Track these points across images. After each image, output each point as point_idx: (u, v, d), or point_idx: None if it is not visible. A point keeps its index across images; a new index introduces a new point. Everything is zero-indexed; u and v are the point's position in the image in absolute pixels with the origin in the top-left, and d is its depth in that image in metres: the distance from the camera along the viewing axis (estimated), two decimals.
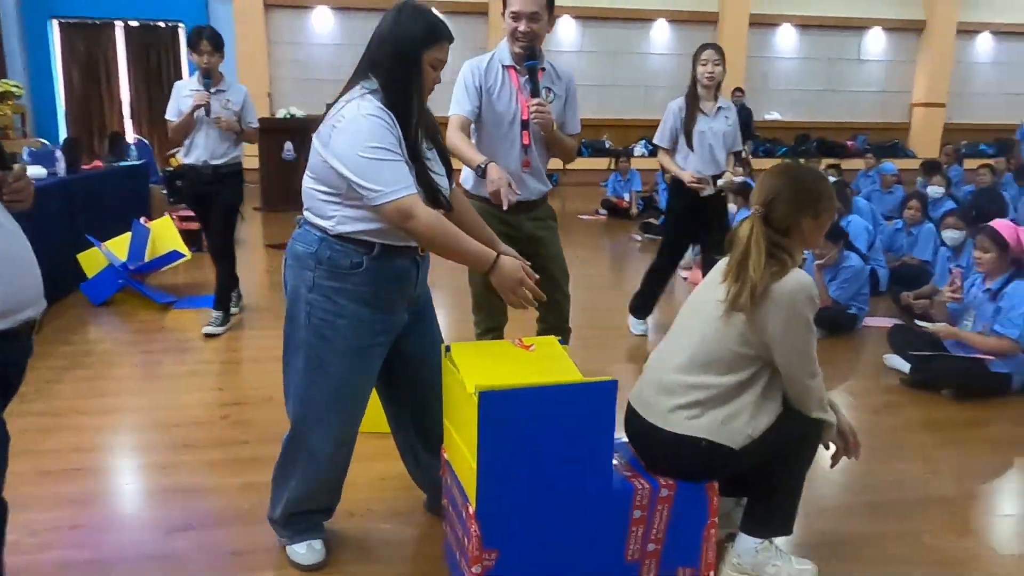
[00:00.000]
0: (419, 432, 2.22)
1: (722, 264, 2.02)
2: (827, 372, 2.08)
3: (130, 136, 10.14)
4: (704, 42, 4.10)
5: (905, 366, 3.63)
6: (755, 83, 11.69)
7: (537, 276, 1.95)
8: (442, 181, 1.95)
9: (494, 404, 1.73)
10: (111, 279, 4.72)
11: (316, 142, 1.82)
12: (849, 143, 12.14)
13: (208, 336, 4.09)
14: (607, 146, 11.83)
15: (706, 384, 1.94)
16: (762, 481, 2.02)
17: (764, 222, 1.92)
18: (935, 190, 6.00)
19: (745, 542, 2.06)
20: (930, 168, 6.92)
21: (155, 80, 11.05)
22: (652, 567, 2.04)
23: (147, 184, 7.01)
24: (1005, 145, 11.12)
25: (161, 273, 5.20)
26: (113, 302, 4.72)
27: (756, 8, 11.57)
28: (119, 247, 4.83)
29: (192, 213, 4.85)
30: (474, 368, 1.91)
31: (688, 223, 4.08)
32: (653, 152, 9.10)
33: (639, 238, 7.54)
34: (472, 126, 2.70)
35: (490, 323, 2.87)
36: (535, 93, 2.63)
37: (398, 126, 1.78)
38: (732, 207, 5.71)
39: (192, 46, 3.92)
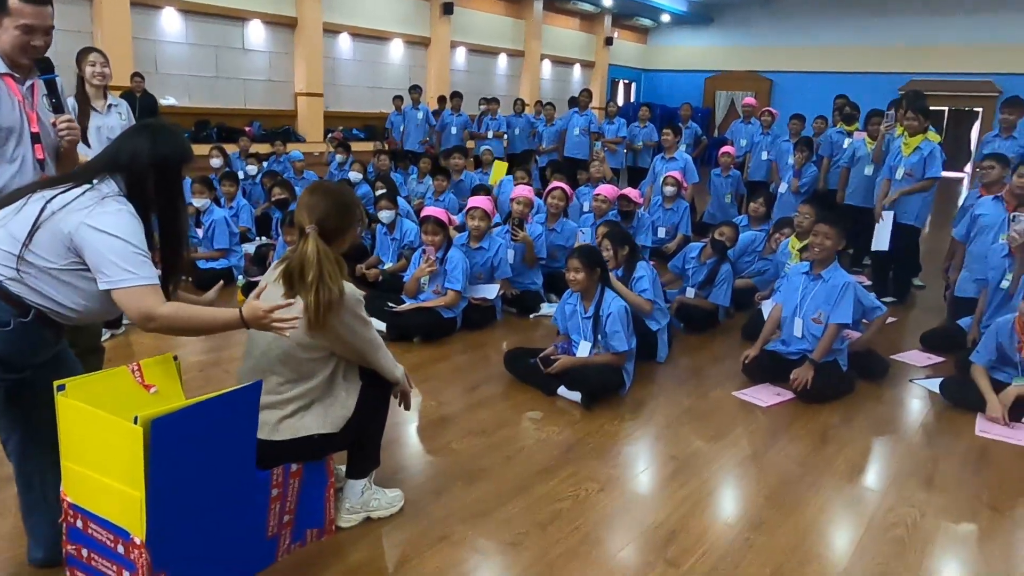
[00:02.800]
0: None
1: (276, 290, 2.21)
2: None
3: None
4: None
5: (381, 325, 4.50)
6: (146, 67, 11.30)
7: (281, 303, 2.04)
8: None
9: (165, 429, 1.79)
10: None
11: (55, 220, 1.82)
12: (247, 129, 12.81)
13: None
14: None
15: (301, 393, 2.30)
16: (357, 437, 2.51)
17: (321, 237, 2.21)
18: (355, 175, 7.12)
19: (353, 487, 2.53)
20: (342, 148, 8.22)
21: None
22: (287, 537, 2.34)
23: None
24: (375, 129, 13.38)
25: None
26: None
27: None
28: None
29: None
30: (107, 398, 1.90)
31: None
32: None
33: None
34: None
35: (88, 343, 2.76)
36: (60, 109, 2.50)
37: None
38: None
39: None
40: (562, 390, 3.72)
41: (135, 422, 1.76)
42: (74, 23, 10.78)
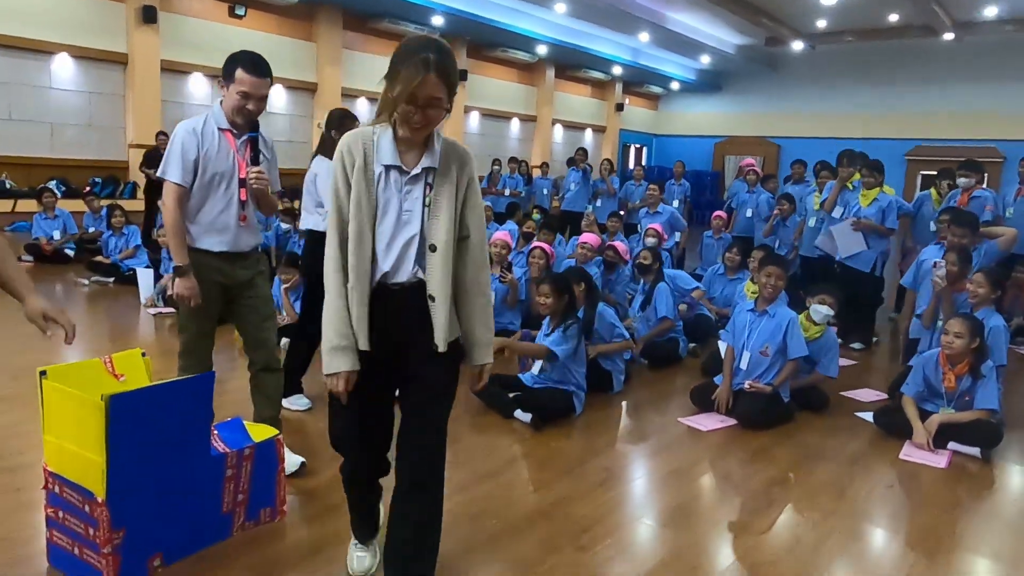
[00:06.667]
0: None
1: None
2: None
3: None
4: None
5: None
6: (172, 126, 12.05)
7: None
8: None
9: (123, 404, 2.15)
10: None
11: None
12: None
13: None
14: (8, 187, 10.82)
15: None
16: None
17: None
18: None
19: None
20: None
21: None
22: (241, 514, 2.67)
23: None
24: None
25: None
26: None
27: (166, 55, 12.01)
28: None
29: None
30: (82, 384, 2.27)
31: None
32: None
33: (86, 281, 7.34)
34: None
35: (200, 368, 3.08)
36: (255, 161, 2.99)
37: None
38: None
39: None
40: (518, 412, 4.02)
41: (102, 399, 2.13)
42: (110, 87, 11.71)
